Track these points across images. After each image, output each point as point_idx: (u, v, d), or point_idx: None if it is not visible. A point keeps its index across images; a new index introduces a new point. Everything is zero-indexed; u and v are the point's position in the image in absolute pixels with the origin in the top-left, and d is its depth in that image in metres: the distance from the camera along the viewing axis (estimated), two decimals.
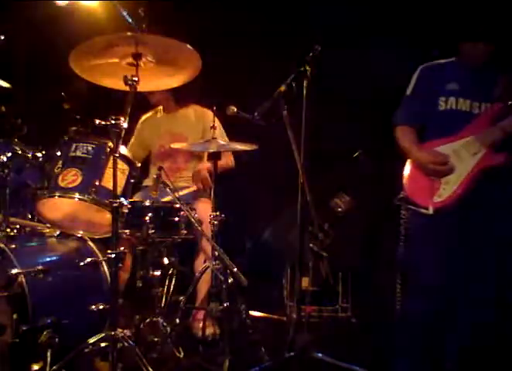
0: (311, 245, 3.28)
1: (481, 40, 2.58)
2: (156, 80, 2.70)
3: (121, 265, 2.46)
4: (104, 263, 2.78)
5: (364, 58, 3.85)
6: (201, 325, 2.91)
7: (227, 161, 3.51)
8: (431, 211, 2.58)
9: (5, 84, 2.92)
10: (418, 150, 2.67)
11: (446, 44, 2.75)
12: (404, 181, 2.71)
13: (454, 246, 2.58)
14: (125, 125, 2.35)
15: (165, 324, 2.78)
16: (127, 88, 2.40)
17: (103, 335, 2.33)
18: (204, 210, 3.11)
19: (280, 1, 3.98)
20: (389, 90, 2.96)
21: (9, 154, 2.70)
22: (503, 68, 2.67)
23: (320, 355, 2.60)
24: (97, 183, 2.58)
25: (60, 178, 2.60)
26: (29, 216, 2.97)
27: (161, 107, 3.71)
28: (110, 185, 2.43)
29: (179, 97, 3.58)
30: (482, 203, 2.56)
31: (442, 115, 2.67)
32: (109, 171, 2.56)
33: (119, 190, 2.46)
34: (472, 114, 2.62)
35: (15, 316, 2.33)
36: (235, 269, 2.59)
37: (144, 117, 3.72)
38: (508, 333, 2.59)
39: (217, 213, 2.88)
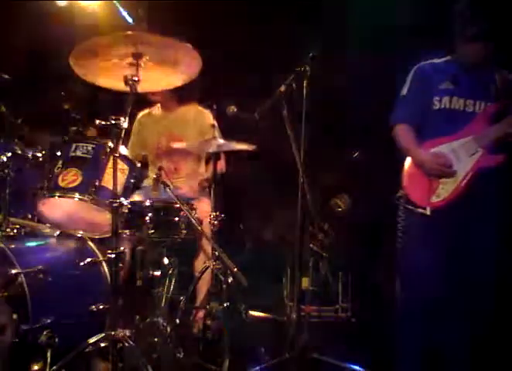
0: (311, 245, 3.28)
1: (480, 40, 2.58)
2: (156, 80, 2.69)
3: (121, 265, 2.45)
4: (104, 263, 2.78)
5: (365, 58, 3.86)
6: (201, 324, 2.91)
7: (220, 166, 3.45)
8: (428, 212, 2.59)
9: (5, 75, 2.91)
10: (420, 150, 2.67)
11: (444, 43, 2.76)
12: (403, 179, 2.72)
13: (452, 245, 2.59)
14: (125, 125, 2.35)
15: (165, 324, 2.78)
16: (127, 88, 2.41)
17: (103, 335, 2.33)
18: (204, 210, 3.11)
19: (280, 2, 3.98)
20: (388, 90, 2.96)
21: (9, 154, 2.70)
22: (499, 66, 2.68)
23: (320, 355, 2.60)
24: (97, 183, 2.57)
25: (60, 178, 2.59)
26: (29, 216, 2.97)
27: (159, 105, 3.69)
28: (110, 185, 2.43)
29: (182, 96, 3.57)
30: (480, 202, 2.58)
31: (437, 115, 2.68)
32: (109, 171, 2.55)
33: (119, 190, 2.47)
34: (466, 112, 2.64)
35: (15, 316, 2.33)
36: (235, 269, 2.58)
37: (141, 114, 3.68)
38: (507, 331, 2.60)
39: (217, 213, 2.88)
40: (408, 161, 2.73)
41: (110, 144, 2.54)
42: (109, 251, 2.34)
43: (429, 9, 3.55)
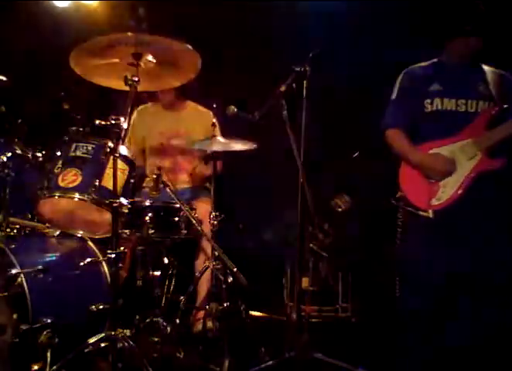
0: (311, 245, 3.28)
1: (472, 35, 2.59)
2: (157, 80, 2.70)
3: (121, 265, 2.45)
4: (104, 263, 2.78)
5: (363, 57, 3.86)
6: (201, 324, 2.91)
7: (219, 166, 3.44)
8: (431, 214, 2.59)
9: (2, 77, 2.90)
10: (418, 152, 2.67)
11: (437, 43, 2.77)
12: (401, 183, 2.72)
13: (452, 247, 2.59)
14: (125, 125, 2.36)
15: (165, 324, 2.78)
16: (127, 88, 2.41)
17: (103, 335, 2.33)
18: (204, 210, 3.11)
19: (280, 2, 3.98)
20: (388, 90, 2.96)
21: (9, 154, 2.70)
22: (489, 64, 2.70)
23: (320, 355, 2.60)
24: (97, 183, 2.57)
25: (60, 178, 2.59)
26: (29, 216, 2.97)
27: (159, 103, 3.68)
28: (110, 185, 2.43)
29: (183, 94, 3.57)
30: (480, 205, 2.58)
31: (430, 117, 2.69)
32: (109, 171, 2.55)
33: (119, 190, 2.46)
34: (458, 112, 2.65)
35: (15, 316, 2.33)
36: (235, 269, 2.58)
37: (140, 108, 3.64)
38: (507, 331, 2.60)
39: (217, 213, 2.88)
40: (405, 165, 2.73)
41: (110, 144, 2.55)
42: (109, 251, 2.34)
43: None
